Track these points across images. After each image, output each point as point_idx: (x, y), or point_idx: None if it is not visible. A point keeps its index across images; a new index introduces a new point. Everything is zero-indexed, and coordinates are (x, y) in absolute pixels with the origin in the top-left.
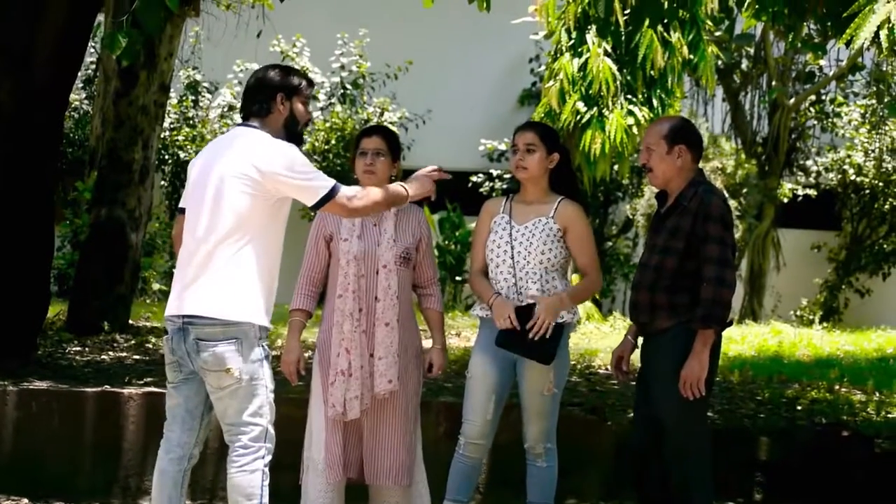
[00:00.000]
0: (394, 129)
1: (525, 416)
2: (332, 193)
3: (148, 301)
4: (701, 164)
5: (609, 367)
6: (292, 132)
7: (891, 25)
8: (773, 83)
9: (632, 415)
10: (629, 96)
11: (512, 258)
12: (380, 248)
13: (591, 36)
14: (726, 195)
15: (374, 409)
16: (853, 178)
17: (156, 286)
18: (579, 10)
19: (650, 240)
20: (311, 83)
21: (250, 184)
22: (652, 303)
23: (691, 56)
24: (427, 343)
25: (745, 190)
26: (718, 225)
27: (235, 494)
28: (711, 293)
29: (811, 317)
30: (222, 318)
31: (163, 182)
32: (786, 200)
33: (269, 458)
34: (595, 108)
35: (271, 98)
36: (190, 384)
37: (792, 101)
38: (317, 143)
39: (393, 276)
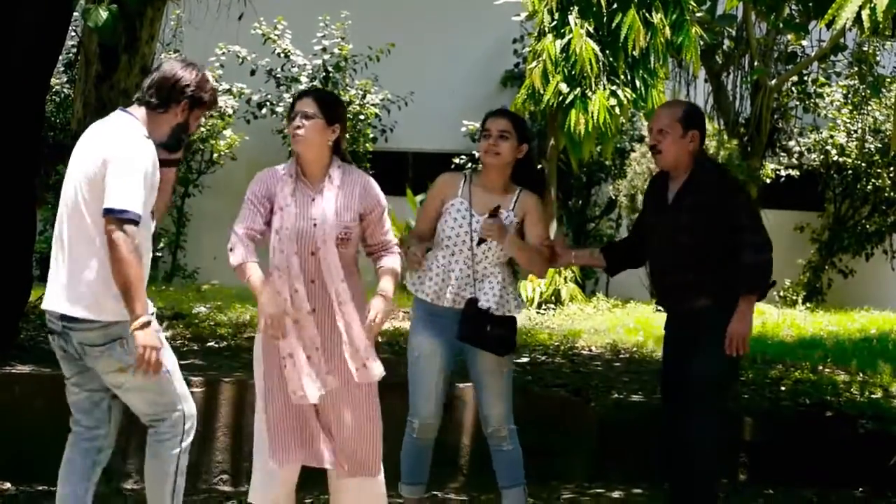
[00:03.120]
0: (376, 110)
1: (485, 399)
2: (122, 213)
3: None
4: None
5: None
6: (177, 139)
7: (872, 5)
8: (756, 64)
9: (618, 396)
10: (612, 77)
11: (471, 250)
12: (317, 228)
13: (573, 17)
14: None
15: (337, 397)
16: (836, 158)
17: None
18: None
19: (663, 220)
20: (215, 101)
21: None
22: (686, 283)
23: (675, 37)
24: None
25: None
26: (742, 194)
27: (150, 478)
28: (751, 259)
29: (795, 297)
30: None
31: None
32: (768, 181)
33: (188, 440)
34: (578, 89)
35: (175, 100)
36: (86, 375)
37: (774, 81)
38: None
39: (333, 256)
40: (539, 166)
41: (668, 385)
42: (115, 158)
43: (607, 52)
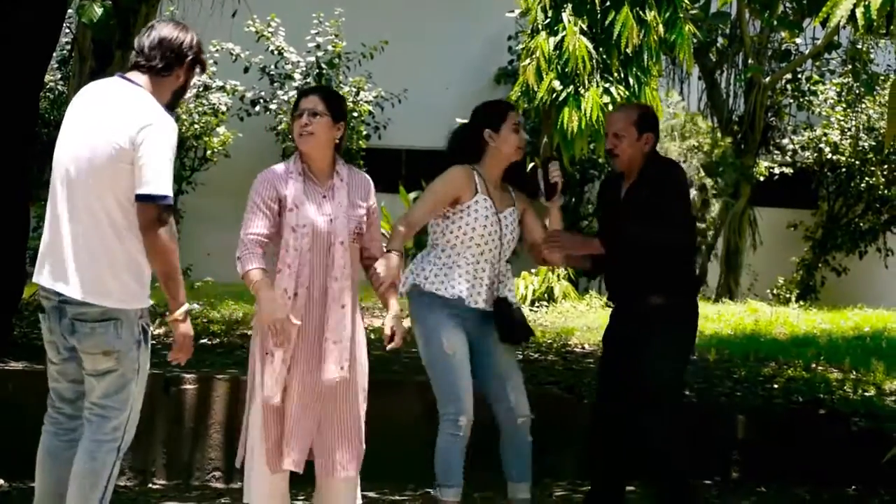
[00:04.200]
0: (369, 107)
1: (508, 390)
2: (163, 199)
3: None
4: (678, 143)
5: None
6: (176, 103)
7: (866, 3)
8: (749, 61)
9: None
10: (605, 75)
11: (499, 247)
12: (333, 224)
13: (567, 14)
14: (687, 170)
15: (326, 397)
16: (829, 156)
17: None
18: None
19: (610, 218)
20: (207, 66)
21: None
22: (635, 280)
23: (668, 34)
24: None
25: (721, 168)
26: (676, 187)
27: (79, 479)
28: (650, 237)
29: (788, 295)
30: (100, 303)
31: None
32: (762, 179)
33: (124, 449)
34: (571, 87)
35: (179, 62)
36: (71, 364)
37: (768, 79)
38: None
39: (347, 254)
40: (532, 164)
41: (612, 384)
42: (144, 139)
43: (601, 49)
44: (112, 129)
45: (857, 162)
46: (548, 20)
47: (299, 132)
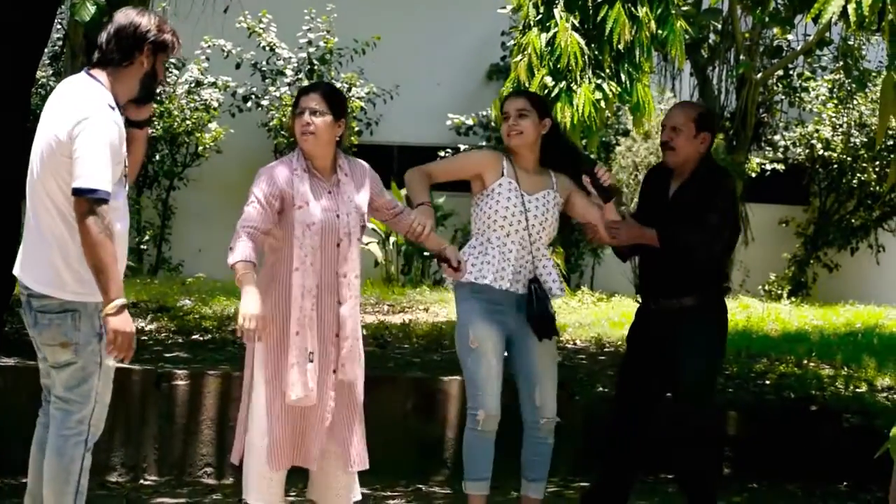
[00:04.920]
0: (361, 103)
1: (539, 388)
2: (92, 193)
3: None
4: None
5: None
6: (149, 90)
7: (858, 0)
8: (741, 58)
9: (602, 389)
10: (597, 71)
11: (527, 229)
12: (341, 219)
13: (558, 10)
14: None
15: (339, 391)
16: (821, 152)
17: None
18: None
19: (652, 213)
20: (178, 43)
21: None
22: (673, 280)
23: (660, 31)
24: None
25: None
26: (726, 200)
27: (50, 478)
28: (688, 241)
29: (779, 291)
30: (58, 296)
31: None
32: (754, 175)
33: (92, 440)
34: (563, 83)
35: (138, 48)
36: None
37: (759, 75)
38: (284, 119)
39: (354, 249)
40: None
41: (636, 381)
42: (80, 133)
43: (592, 45)
44: (55, 124)
45: (848, 158)
46: (539, 16)
47: (301, 131)
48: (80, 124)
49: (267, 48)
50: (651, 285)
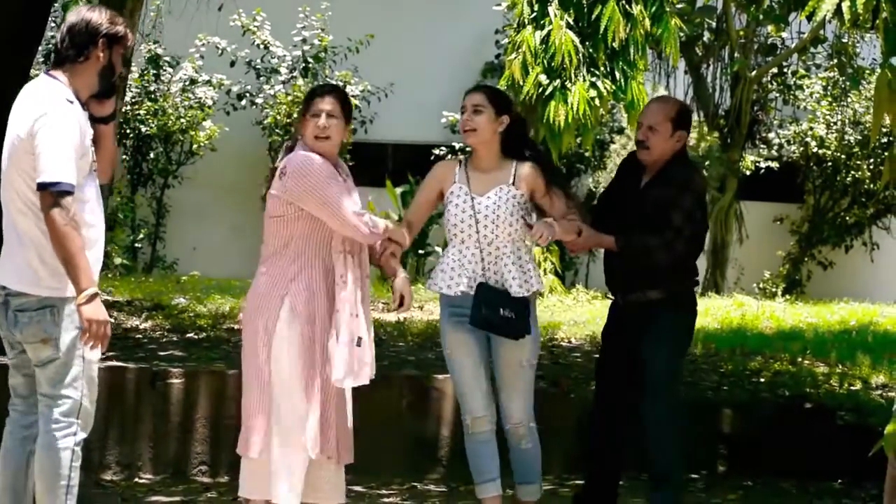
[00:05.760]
0: (356, 101)
1: (505, 394)
2: (54, 186)
3: (109, 276)
4: None
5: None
6: (108, 84)
7: None
8: (735, 55)
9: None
10: (591, 69)
11: (477, 233)
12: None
13: (553, 8)
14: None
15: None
16: (815, 150)
17: (118, 260)
18: None
19: (629, 205)
20: (133, 34)
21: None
22: (639, 273)
23: (654, 28)
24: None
25: (707, 162)
26: (691, 198)
27: (41, 474)
28: (647, 245)
29: (774, 289)
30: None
31: (124, 156)
32: (748, 173)
33: (81, 435)
34: (557, 81)
35: (92, 43)
36: (24, 357)
37: (754, 73)
38: (279, 117)
39: (367, 250)
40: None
41: (612, 377)
42: (40, 129)
43: (587, 43)
44: (17, 124)
45: (842, 156)
46: (534, 14)
47: (317, 134)
48: (39, 120)
49: (261, 46)
50: (617, 280)
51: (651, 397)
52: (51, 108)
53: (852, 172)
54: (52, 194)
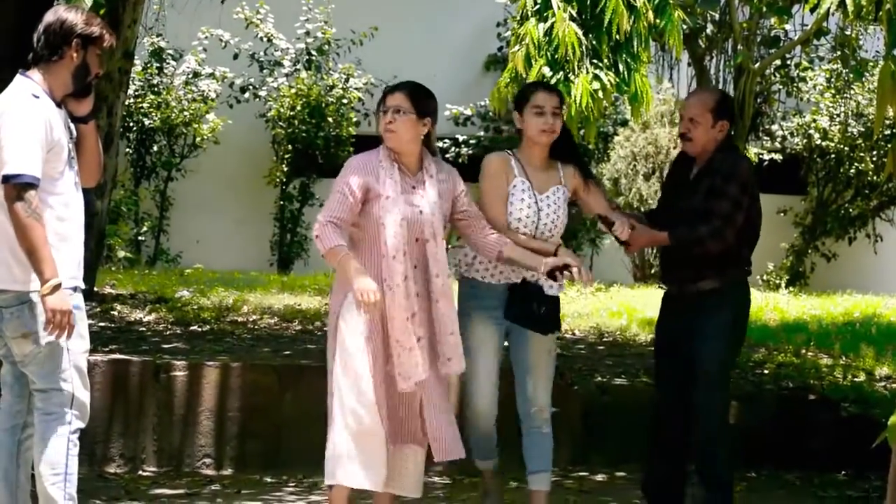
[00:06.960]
0: (359, 94)
1: (531, 381)
2: (16, 178)
3: (113, 269)
4: (667, 129)
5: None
6: (83, 83)
7: None
8: (739, 48)
9: (601, 379)
10: (595, 61)
11: (537, 229)
12: (423, 217)
13: (556, 1)
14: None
15: (427, 384)
16: (819, 142)
17: (121, 253)
18: None
19: (680, 199)
20: (110, 35)
21: None
22: (692, 263)
23: (658, 21)
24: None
25: None
26: (737, 186)
27: (38, 465)
28: (697, 235)
29: (777, 281)
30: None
31: (127, 149)
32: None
33: (77, 424)
34: (561, 73)
35: (66, 42)
36: (4, 349)
37: (757, 65)
38: (282, 110)
39: (441, 249)
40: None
41: (670, 371)
42: (3, 124)
43: (590, 35)
44: None
45: (846, 148)
46: (537, 6)
47: (384, 129)
48: (2, 117)
49: (264, 39)
50: (670, 271)
51: (705, 390)
52: (13, 103)
53: (856, 164)
54: (14, 186)
